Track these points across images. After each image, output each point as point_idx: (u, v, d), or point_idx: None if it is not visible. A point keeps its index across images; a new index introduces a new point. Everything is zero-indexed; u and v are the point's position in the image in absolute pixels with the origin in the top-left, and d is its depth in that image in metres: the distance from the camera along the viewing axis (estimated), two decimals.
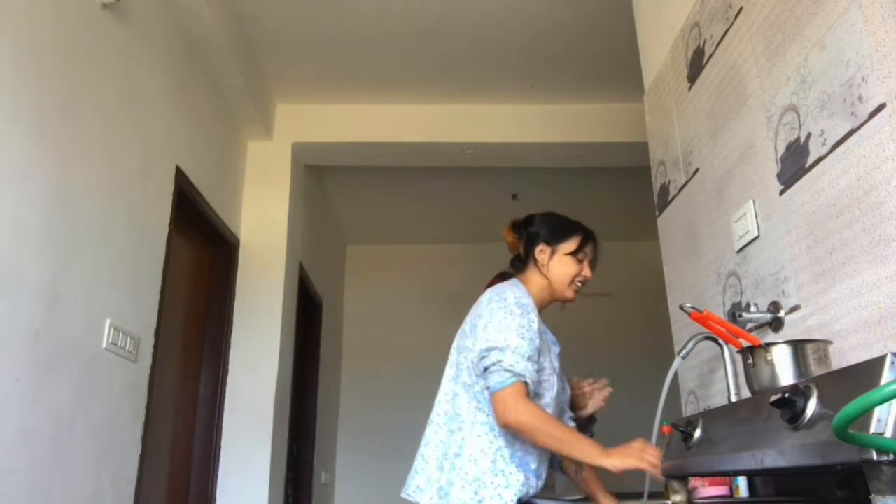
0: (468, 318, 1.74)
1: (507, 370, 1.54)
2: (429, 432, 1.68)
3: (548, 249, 1.78)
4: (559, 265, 1.77)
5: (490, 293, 1.69)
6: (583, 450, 1.52)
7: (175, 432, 3.01)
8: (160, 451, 2.82)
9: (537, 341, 1.62)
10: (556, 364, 1.75)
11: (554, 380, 1.70)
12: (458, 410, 1.62)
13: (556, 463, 1.81)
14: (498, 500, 1.52)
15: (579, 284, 1.81)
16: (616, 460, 1.48)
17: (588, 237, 1.82)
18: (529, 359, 1.58)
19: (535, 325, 1.63)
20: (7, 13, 1.77)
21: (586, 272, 1.80)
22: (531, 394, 1.58)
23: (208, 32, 2.95)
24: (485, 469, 1.54)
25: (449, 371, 1.72)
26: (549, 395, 1.68)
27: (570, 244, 1.79)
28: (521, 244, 1.81)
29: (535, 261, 1.78)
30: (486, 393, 1.60)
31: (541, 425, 1.52)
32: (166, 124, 2.75)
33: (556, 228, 1.81)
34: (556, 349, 1.80)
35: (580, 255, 1.79)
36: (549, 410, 1.65)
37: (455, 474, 1.55)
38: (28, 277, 1.83)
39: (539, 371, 1.63)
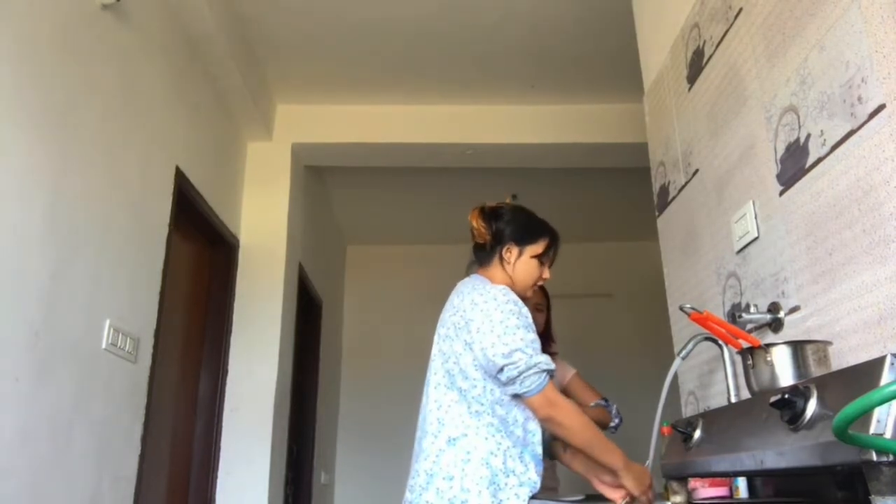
0: (448, 321, 1.69)
1: (542, 371, 1.53)
2: (425, 444, 1.61)
3: (515, 250, 1.74)
4: (524, 267, 1.74)
5: (472, 294, 1.64)
6: (610, 456, 1.54)
7: (175, 432, 3.01)
8: (160, 451, 2.82)
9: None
10: None
11: None
12: (457, 417, 1.59)
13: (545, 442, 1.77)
14: (515, 499, 1.51)
15: (539, 285, 1.80)
16: (628, 479, 1.52)
17: (554, 240, 1.78)
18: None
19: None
20: (7, 14, 1.77)
21: (546, 274, 1.79)
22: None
23: (208, 32, 2.95)
24: (497, 471, 1.53)
25: (436, 378, 1.66)
26: None
27: (538, 246, 1.75)
28: (489, 236, 1.77)
29: (501, 258, 1.75)
30: (491, 395, 1.58)
31: (580, 425, 1.55)
32: (166, 125, 2.75)
33: (527, 229, 1.77)
34: None
35: (544, 259, 1.77)
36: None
37: (469, 480, 1.52)
38: (28, 277, 1.83)
39: None
